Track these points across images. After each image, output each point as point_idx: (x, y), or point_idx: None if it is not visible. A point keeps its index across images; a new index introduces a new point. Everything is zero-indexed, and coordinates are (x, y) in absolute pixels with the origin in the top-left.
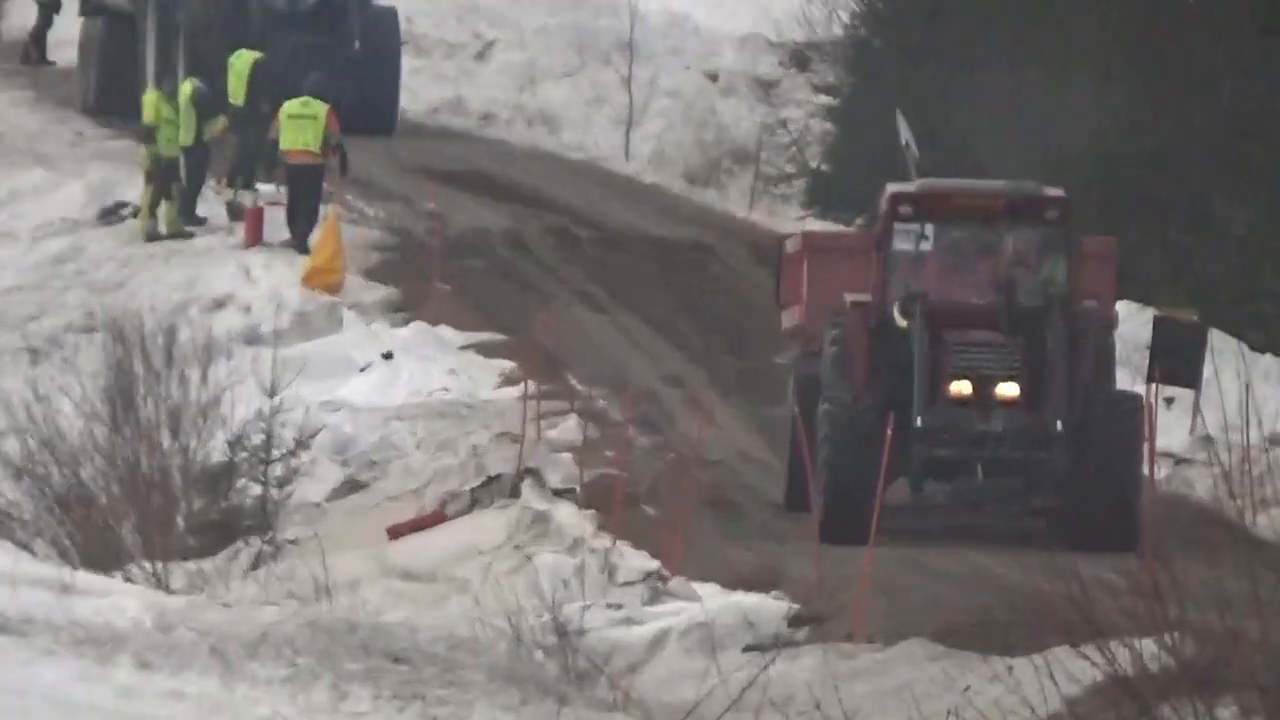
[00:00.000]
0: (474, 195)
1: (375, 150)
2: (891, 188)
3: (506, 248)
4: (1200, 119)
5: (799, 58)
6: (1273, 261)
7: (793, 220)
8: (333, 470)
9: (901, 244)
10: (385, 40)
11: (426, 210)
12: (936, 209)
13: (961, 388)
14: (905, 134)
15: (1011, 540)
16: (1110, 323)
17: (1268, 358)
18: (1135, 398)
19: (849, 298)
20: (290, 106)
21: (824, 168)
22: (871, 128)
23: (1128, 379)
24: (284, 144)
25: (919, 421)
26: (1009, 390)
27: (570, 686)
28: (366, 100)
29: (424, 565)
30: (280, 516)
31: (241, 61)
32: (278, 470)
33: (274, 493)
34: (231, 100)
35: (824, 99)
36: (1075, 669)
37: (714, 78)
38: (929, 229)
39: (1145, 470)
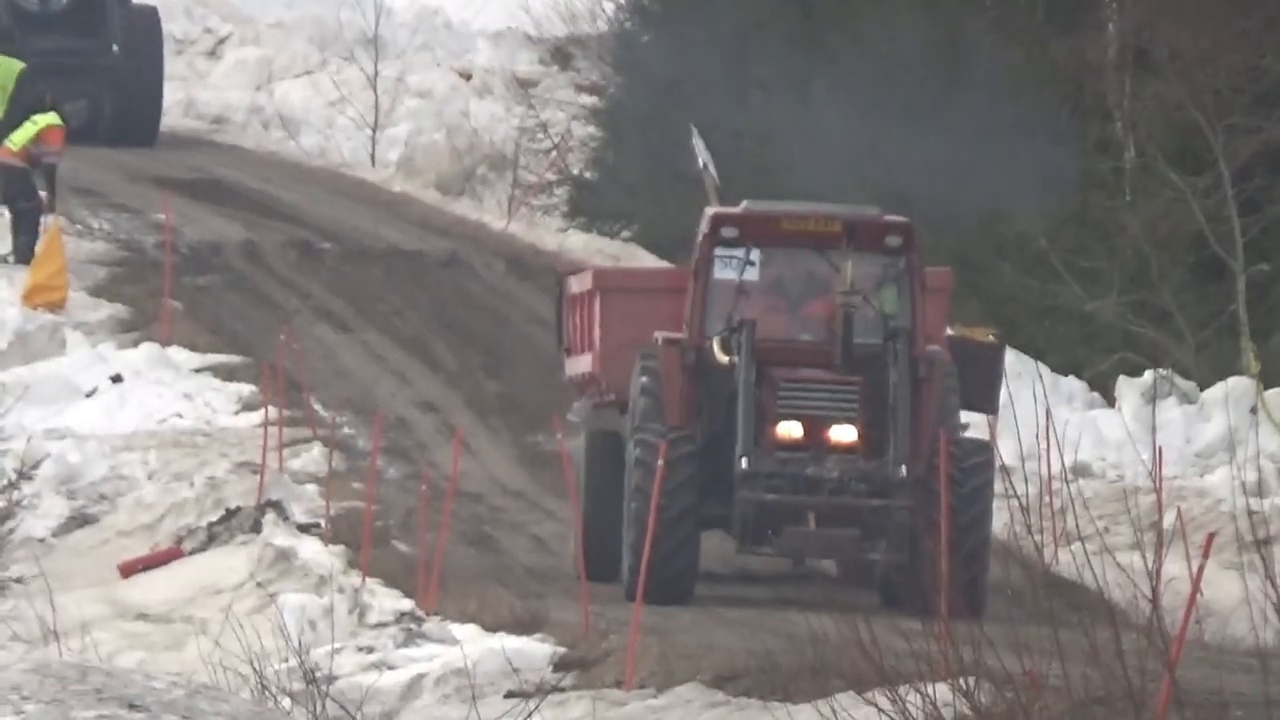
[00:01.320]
0: (208, 205)
1: (100, 156)
2: (712, 209)
3: (243, 261)
4: (995, 122)
5: (560, 54)
6: (1075, 277)
7: (554, 231)
8: (59, 504)
9: (723, 272)
10: (146, 43)
11: (157, 221)
12: (764, 233)
13: (791, 430)
14: (703, 155)
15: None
16: (951, 367)
17: (1069, 380)
18: (987, 448)
19: (660, 335)
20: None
21: (588, 175)
22: (640, 131)
23: None
24: None
25: (743, 464)
26: (845, 435)
27: None
28: (127, 110)
29: (159, 605)
30: (2, 554)
31: (2, 72)
32: (0, 503)
33: None
34: None
35: (588, 99)
36: (862, 716)
37: (467, 76)
38: (755, 255)
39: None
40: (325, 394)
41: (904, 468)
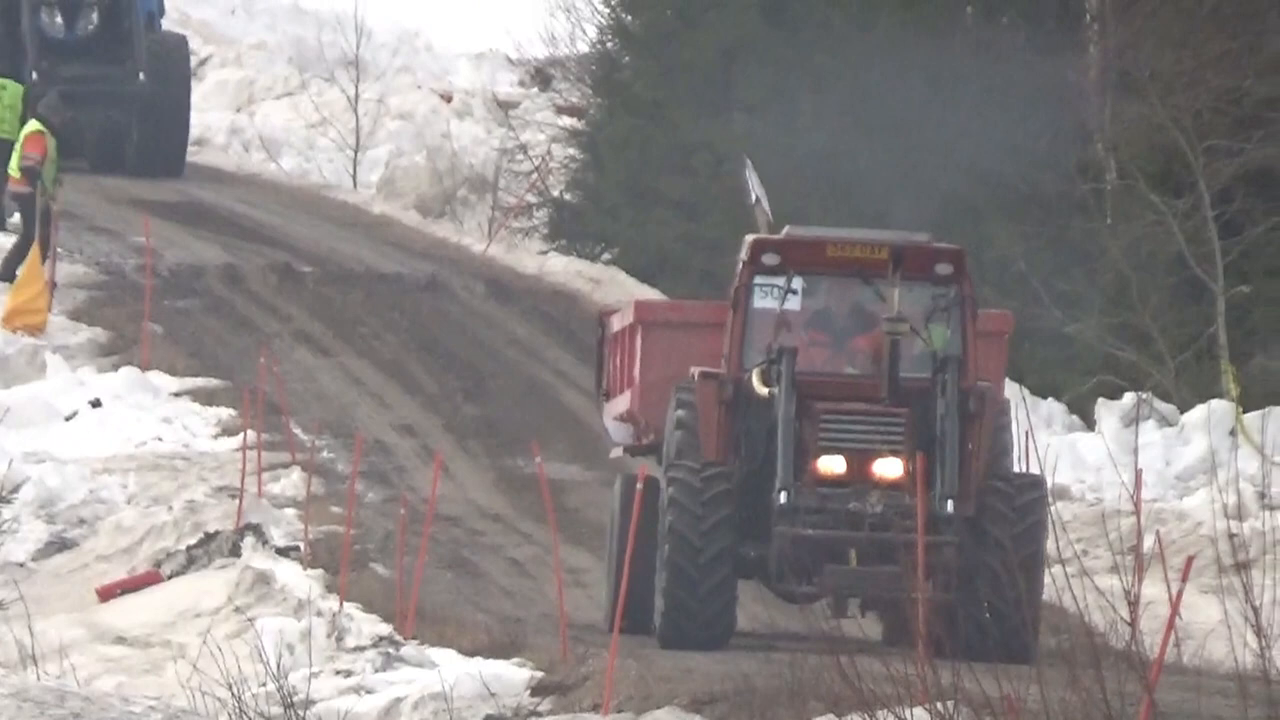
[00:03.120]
0: (188, 228)
1: (80, 179)
2: (753, 236)
3: (224, 285)
4: (978, 141)
5: (541, 76)
6: (1055, 299)
7: (534, 254)
8: (38, 528)
9: (763, 302)
10: (174, 71)
11: (137, 244)
12: (807, 260)
13: (833, 465)
14: (756, 189)
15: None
16: (1006, 407)
17: (1049, 403)
18: (1040, 483)
19: (696, 370)
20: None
21: (568, 197)
22: (621, 153)
23: None
24: None
25: (782, 499)
26: (890, 469)
27: None
28: (153, 139)
29: (138, 629)
30: None
31: (10, 93)
32: None
33: None
34: None
35: (568, 121)
36: None
37: (448, 98)
38: (797, 284)
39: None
40: (304, 417)
41: (950, 503)
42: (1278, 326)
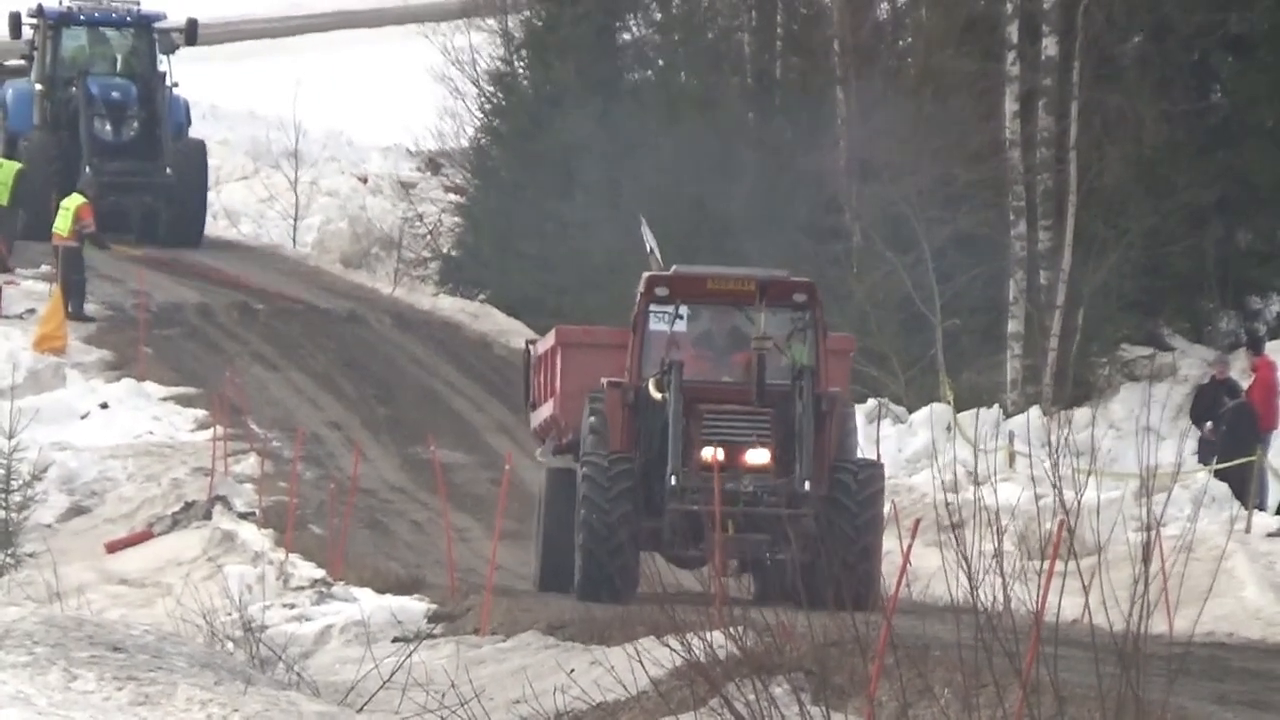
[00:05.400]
0: (172, 276)
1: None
2: (648, 273)
3: (198, 318)
4: (757, 212)
5: (432, 164)
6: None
7: (429, 295)
8: (61, 498)
9: (656, 325)
10: (194, 168)
11: (134, 289)
12: (691, 292)
13: (714, 454)
14: (650, 241)
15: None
16: (851, 408)
17: None
18: (878, 466)
19: (605, 380)
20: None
21: (454, 253)
22: (491, 220)
23: None
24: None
25: (673, 481)
26: (758, 457)
27: (255, 670)
28: (177, 218)
29: (136, 574)
30: (19, 535)
31: (6, 170)
32: (17, 498)
33: (14, 516)
34: None
35: (453, 197)
36: (660, 656)
37: (364, 180)
38: (683, 311)
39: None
40: (259, 416)
41: (808, 483)
42: (980, 350)
